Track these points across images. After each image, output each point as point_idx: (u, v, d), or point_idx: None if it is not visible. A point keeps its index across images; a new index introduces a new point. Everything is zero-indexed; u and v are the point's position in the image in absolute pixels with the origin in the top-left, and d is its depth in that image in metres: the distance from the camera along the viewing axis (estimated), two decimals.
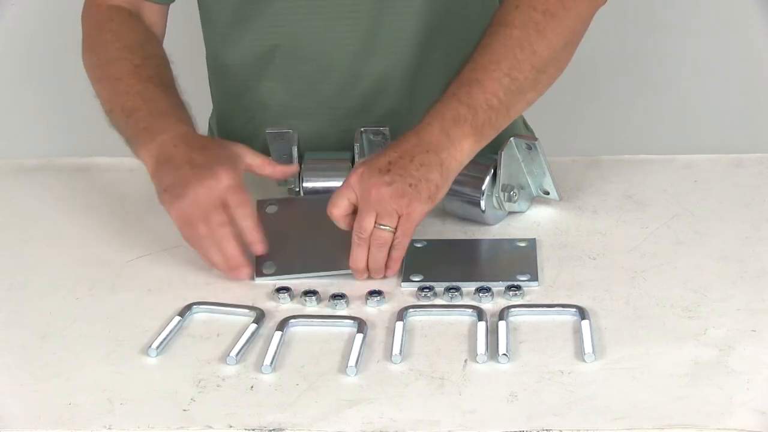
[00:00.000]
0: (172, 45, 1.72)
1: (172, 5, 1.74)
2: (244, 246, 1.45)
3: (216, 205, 1.43)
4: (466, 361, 1.30)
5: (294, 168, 1.55)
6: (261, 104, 1.74)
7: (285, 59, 1.70)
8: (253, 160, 1.50)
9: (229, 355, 1.31)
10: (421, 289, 1.42)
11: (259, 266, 1.47)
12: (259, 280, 1.46)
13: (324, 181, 1.58)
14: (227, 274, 1.45)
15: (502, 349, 1.30)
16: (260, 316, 1.38)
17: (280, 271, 1.46)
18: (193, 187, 1.44)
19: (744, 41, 2.69)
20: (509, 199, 1.55)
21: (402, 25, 1.66)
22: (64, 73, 2.76)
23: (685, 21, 2.71)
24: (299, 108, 1.72)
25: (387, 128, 1.59)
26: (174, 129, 1.50)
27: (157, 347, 1.32)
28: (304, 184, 1.58)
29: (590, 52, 2.72)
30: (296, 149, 1.58)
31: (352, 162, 1.58)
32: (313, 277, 1.46)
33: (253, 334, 1.34)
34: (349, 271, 1.45)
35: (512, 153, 1.54)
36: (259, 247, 1.46)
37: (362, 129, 1.59)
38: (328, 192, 1.46)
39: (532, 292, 1.42)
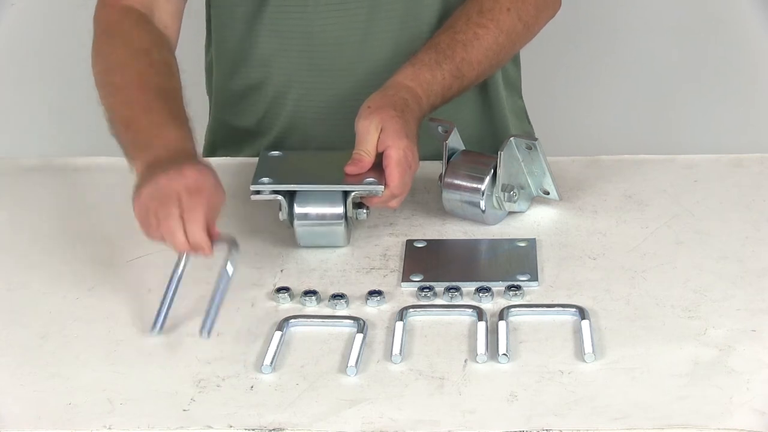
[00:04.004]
0: None
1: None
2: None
3: (171, 198, 1.36)
4: (466, 361, 1.30)
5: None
6: (271, 99, 1.76)
7: (293, 51, 1.73)
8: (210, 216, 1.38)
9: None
10: (421, 289, 1.42)
11: (255, 180, 1.50)
12: (253, 188, 1.48)
13: (316, 206, 1.51)
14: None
15: (502, 349, 1.30)
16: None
17: (275, 182, 1.49)
18: (155, 180, 1.39)
19: (743, 41, 2.69)
20: (509, 199, 1.55)
21: (397, 7, 1.71)
22: (64, 73, 2.76)
23: (685, 21, 2.71)
24: (302, 98, 1.76)
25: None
26: (169, 141, 1.47)
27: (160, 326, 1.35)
28: (296, 209, 1.50)
29: (590, 52, 2.74)
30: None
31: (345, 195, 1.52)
32: (305, 189, 1.49)
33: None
34: (338, 186, 1.48)
35: (512, 153, 1.54)
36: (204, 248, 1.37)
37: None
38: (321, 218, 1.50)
39: (532, 292, 1.42)
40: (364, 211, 1.50)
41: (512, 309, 1.38)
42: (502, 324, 1.34)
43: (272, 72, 1.75)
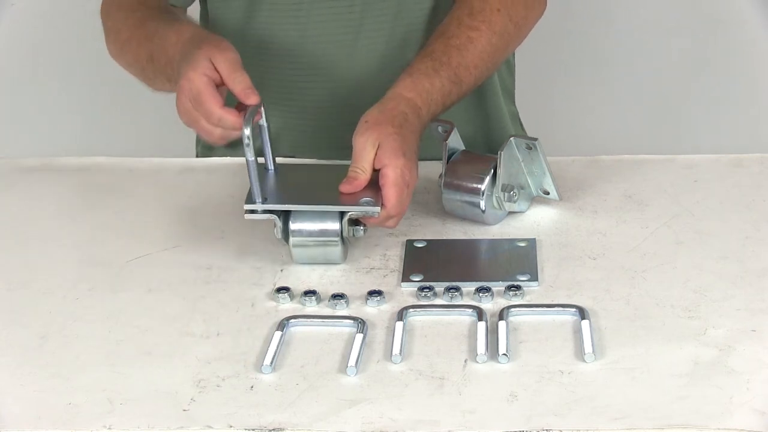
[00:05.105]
0: None
1: None
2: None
3: (189, 112, 1.48)
4: (466, 361, 1.30)
5: (256, 99, 1.49)
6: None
7: (281, 58, 1.75)
8: (221, 67, 1.49)
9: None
10: (421, 289, 1.42)
11: (249, 199, 1.47)
12: (247, 207, 1.46)
13: (312, 223, 1.48)
14: (230, 135, 1.48)
15: (502, 349, 1.30)
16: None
17: (270, 201, 1.47)
18: (177, 95, 1.50)
19: (743, 41, 2.70)
20: (509, 199, 1.55)
21: (383, 22, 1.72)
22: (63, 73, 2.77)
23: (685, 21, 2.71)
24: (291, 108, 1.77)
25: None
26: (169, 45, 1.58)
27: None
28: (292, 227, 1.48)
29: (591, 52, 2.74)
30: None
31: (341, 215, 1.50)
32: (301, 209, 1.46)
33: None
34: (334, 207, 1.46)
35: (512, 153, 1.54)
36: (251, 95, 1.47)
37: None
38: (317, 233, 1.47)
39: (532, 292, 1.42)
40: (361, 228, 1.48)
41: (512, 309, 1.38)
42: (502, 324, 1.34)
43: (265, 72, 1.75)
